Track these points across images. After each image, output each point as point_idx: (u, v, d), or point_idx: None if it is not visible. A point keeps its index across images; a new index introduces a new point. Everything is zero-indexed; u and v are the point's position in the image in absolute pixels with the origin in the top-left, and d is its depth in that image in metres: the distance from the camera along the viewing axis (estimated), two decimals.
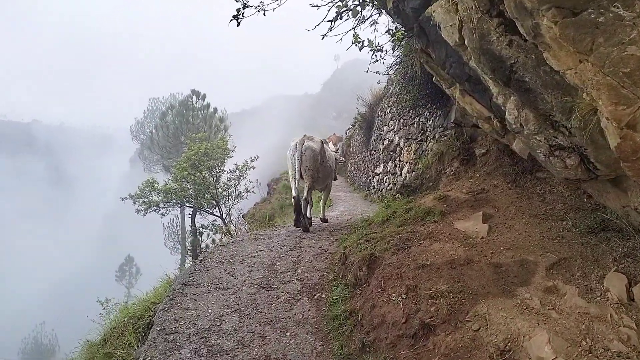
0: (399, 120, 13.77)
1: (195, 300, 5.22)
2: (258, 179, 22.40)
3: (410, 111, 11.97)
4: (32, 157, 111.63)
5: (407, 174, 11.53)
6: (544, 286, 3.72)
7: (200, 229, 19.79)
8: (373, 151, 18.05)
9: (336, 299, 4.83)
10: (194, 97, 31.90)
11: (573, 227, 4.73)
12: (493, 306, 3.52)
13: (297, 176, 7.76)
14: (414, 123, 11.62)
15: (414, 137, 11.15)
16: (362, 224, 7.32)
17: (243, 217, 29.92)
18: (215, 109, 32.23)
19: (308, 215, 8.42)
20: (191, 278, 5.78)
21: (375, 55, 7.53)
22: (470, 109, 4.27)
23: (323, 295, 5.19)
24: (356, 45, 7.02)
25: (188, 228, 27.36)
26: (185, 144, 22.34)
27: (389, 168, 14.47)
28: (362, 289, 4.69)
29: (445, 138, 7.70)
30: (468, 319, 3.46)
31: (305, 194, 8.05)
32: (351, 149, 28.27)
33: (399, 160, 13.07)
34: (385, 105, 16.90)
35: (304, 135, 8.32)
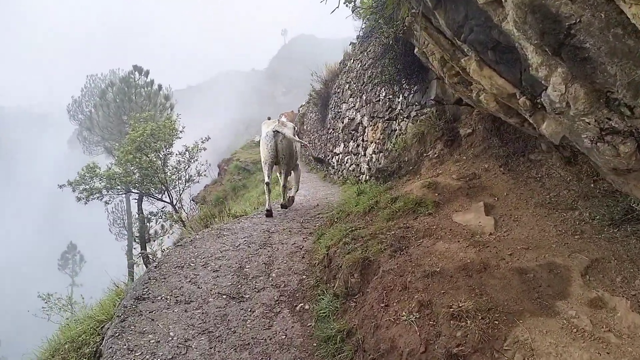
0: (360, 97, 13.02)
1: (153, 320, 4.30)
2: (207, 159, 21.15)
3: (375, 87, 11.22)
4: None
5: (374, 155, 10.84)
6: (586, 298, 3.08)
7: (149, 216, 18.41)
8: (331, 130, 17.27)
9: (325, 312, 4.05)
10: (136, 73, 29.71)
11: (590, 219, 4.15)
12: (535, 329, 2.84)
13: (270, 161, 7.92)
14: (378, 100, 10.89)
15: (380, 115, 10.43)
16: (338, 214, 6.55)
17: (194, 201, 28.70)
18: (160, 86, 30.23)
19: (287, 196, 8.56)
20: (145, 290, 4.83)
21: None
22: (488, 84, 3.55)
23: (307, 306, 4.40)
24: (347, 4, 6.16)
25: (135, 214, 25.84)
26: (128, 124, 20.61)
27: (350, 148, 13.76)
28: (357, 301, 3.94)
29: (423, 117, 7.01)
30: (507, 347, 2.77)
31: (282, 181, 8.27)
32: (305, 126, 27.38)
33: (363, 140, 12.36)
34: (343, 82, 16.09)
35: (278, 121, 8.37)
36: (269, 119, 28.14)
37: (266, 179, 8.12)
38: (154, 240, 20.46)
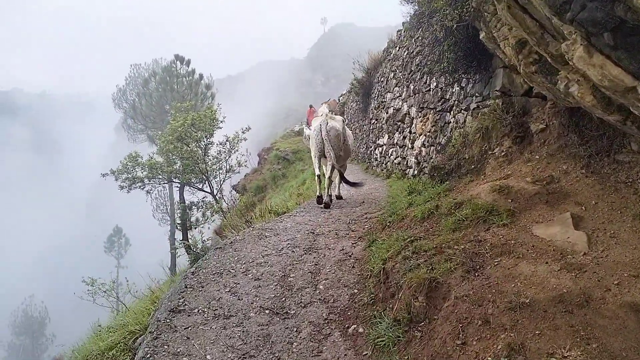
0: (407, 87, 12.24)
1: (188, 338, 3.79)
2: (248, 148, 20.79)
3: (425, 76, 10.44)
4: (14, 125, 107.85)
5: (423, 148, 10.09)
6: None
7: (190, 205, 18.24)
8: (374, 120, 16.53)
9: (383, 341, 3.43)
10: (178, 62, 29.69)
11: None
12: None
13: (320, 155, 8.05)
14: (429, 90, 10.11)
15: (430, 107, 9.66)
16: (390, 217, 5.90)
17: (235, 190, 28.54)
18: (201, 75, 30.14)
19: (330, 193, 8.45)
20: (181, 301, 4.34)
21: None
22: (598, 74, 2.84)
23: (361, 329, 3.79)
24: None
25: (177, 200, 25.89)
26: (170, 114, 20.42)
27: (395, 140, 13.02)
28: (423, 331, 3.30)
29: (486, 109, 6.24)
30: None
31: (329, 173, 8.22)
32: (345, 116, 26.69)
33: (410, 132, 11.60)
34: (387, 70, 15.30)
35: (326, 115, 8.33)
36: (310, 107, 27.65)
37: (317, 172, 8.28)
38: (196, 228, 20.39)
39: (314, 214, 7.57)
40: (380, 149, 15.10)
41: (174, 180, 17.42)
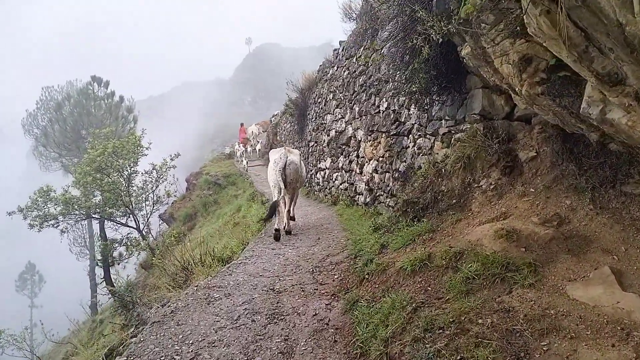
0: (351, 108, 11.49)
1: None
2: (175, 174, 19.20)
3: (373, 97, 9.71)
4: None
5: (375, 174, 9.29)
6: None
7: (112, 243, 16.31)
8: (313, 143, 15.67)
9: None
10: (95, 84, 27.37)
11: None
12: None
13: (280, 186, 8.27)
14: (378, 112, 9.38)
15: (382, 130, 8.91)
16: (367, 267, 4.93)
17: (161, 219, 26.45)
18: (122, 98, 27.93)
19: (287, 227, 8.56)
20: None
21: None
22: None
23: None
24: None
25: (97, 233, 23.47)
26: (88, 141, 18.35)
27: (340, 164, 12.19)
28: None
29: (461, 135, 5.52)
30: None
31: (287, 205, 8.78)
32: (278, 137, 25.75)
33: (357, 156, 10.81)
34: (325, 91, 14.55)
35: (284, 148, 8.80)
36: (242, 124, 26.44)
37: (275, 198, 8.47)
38: (119, 264, 18.41)
39: (267, 259, 6.45)
40: (322, 172, 14.23)
41: (94, 216, 15.47)
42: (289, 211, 8.81)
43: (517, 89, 4.05)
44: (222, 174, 27.06)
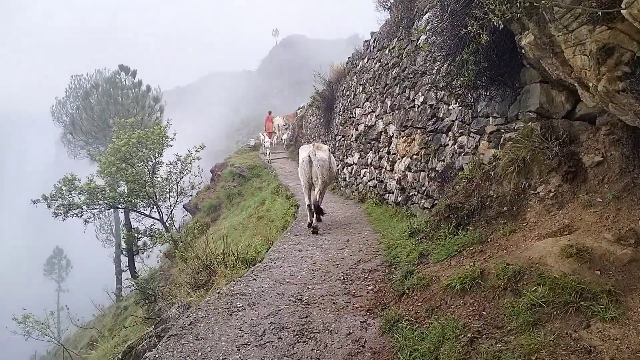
0: (383, 102, 10.93)
1: None
2: (200, 164, 18.93)
3: (408, 91, 9.15)
4: None
5: (408, 172, 8.74)
6: None
7: (136, 233, 16.13)
8: (341, 137, 15.14)
9: None
10: (123, 73, 27.27)
11: None
12: None
13: (311, 183, 8.43)
14: (413, 106, 8.82)
15: (418, 126, 8.34)
16: (407, 280, 4.41)
17: (186, 209, 26.32)
18: (149, 87, 27.83)
19: (313, 222, 8.46)
20: None
21: None
22: None
23: None
24: None
25: (123, 221, 23.44)
26: (113, 130, 18.17)
27: (369, 159, 11.66)
28: None
29: (512, 134, 4.94)
30: None
31: (317, 198, 8.47)
32: (303, 130, 25.30)
33: (388, 152, 10.26)
34: (354, 83, 14.01)
35: (313, 145, 8.80)
36: (269, 113, 26.40)
37: (307, 202, 8.56)
38: (143, 253, 18.28)
39: (294, 263, 6.00)
40: (349, 168, 13.72)
41: (118, 206, 15.28)
42: (316, 203, 8.53)
43: (590, 84, 3.47)
44: (247, 166, 26.77)
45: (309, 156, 8.42)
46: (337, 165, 15.28)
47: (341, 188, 14.35)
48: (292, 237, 7.77)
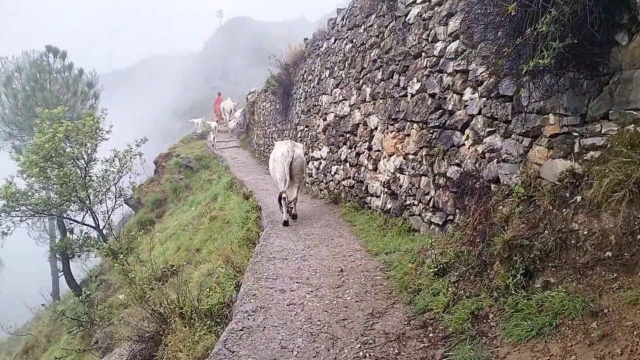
0: (359, 89, 9.27)
1: None
2: (142, 154, 16.58)
3: (396, 75, 7.51)
4: None
5: (403, 175, 7.16)
6: None
7: (68, 242, 13.66)
8: (304, 127, 13.36)
9: None
10: (51, 55, 23.98)
11: None
12: None
13: (286, 178, 8.50)
14: (404, 95, 7.21)
15: (414, 119, 6.74)
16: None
17: (127, 204, 23.71)
18: (81, 71, 24.61)
19: (293, 211, 8.90)
20: None
21: None
22: None
23: None
24: None
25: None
26: (35, 122, 15.30)
27: (343, 155, 9.99)
28: None
29: (600, 141, 3.40)
30: None
31: (295, 194, 8.86)
32: (256, 117, 23.26)
33: (369, 149, 8.63)
34: (318, 67, 12.23)
35: (290, 142, 9.00)
36: (219, 94, 24.53)
37: (282, 189, 8.57)
38: (79, 256, 15.87)
39: (280, 319, 4.22)
40: (315, 163, 12.00)
41: (43, 213, 12.74)
42: (295, 199, 8.95)
43: None
44: (194, 157, 24.48)
45: (288, 150, 8.57)
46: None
47: (306, 185, 12.64)
48: (265, 263, 6.00)
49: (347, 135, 9.76)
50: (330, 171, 10.80)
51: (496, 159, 4.74)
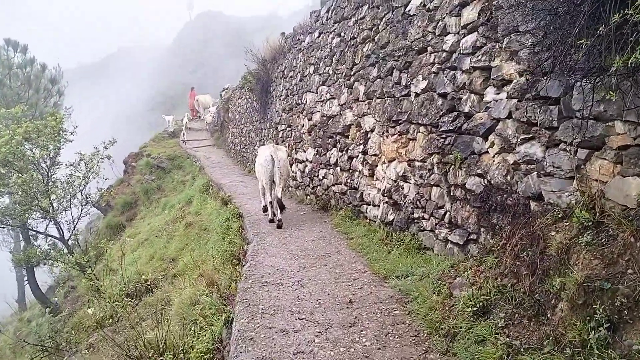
0: (349, 87, 8.47)
1: None
2: (111, 156, 15.38)
3: (397, 73, 6.72)
4: None
5: (407, 184, 6.38)
6: None
7: (31, 252, 12.40)
8: (286, 127, 12.47)
9: None
10: (11, 49, 22.27)
11: None
12: None
13: (270, 182, 8.53)
14: (407, 94, 6.43)
15: (421, 121, 5.96)
16: None
17: (96, 207, 22.42)
18: (44, 66, 22.92)
19: (278, 216, 8.51)
20: None
21: None
22: None
23: None
24: None
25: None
26: (6, 116, 13.57)
27: (332, 158, 9.17)
28: None
29: None
30: None
31: (279, 195, 8.54)
32: (230, 114, 22.22)
33: (364, 152, 7.83)
34: (301, 63, 11.37)
35: (273, 146, 8.86)
36: (192, 89, 23.61)
37: (269, 199, 8.73)
38: (44, 264, 14.62)
39: None
40: (300, 165, 11.14)
41: (1, 224, 11.41)
42: (279, 200, 8.56)
43: None
44: (166, 156, 23.24)
45: (271, 155, 8.46)
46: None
47: (290, 189, 11.76)
48: (258, 291, 5.12)
49: (337, 137, 8.94)
50: (318, 175, 9.96)
51: (536, 172, 4.00)
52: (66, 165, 11.61)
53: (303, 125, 10.92)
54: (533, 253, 3.50)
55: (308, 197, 10.48)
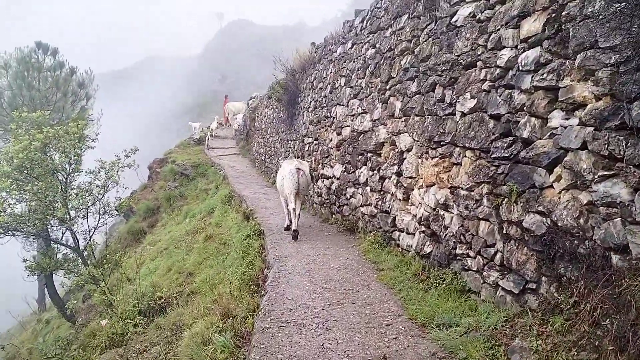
0: (384, 102, 7.81)
1: None
2: (135, 159, 15.01)
3: (440, 89, 6.03)
4: None
5: (449, 214, 5.68)
6: None
7: (48, 259, 12.01)
8: (313, 140, 11.85)
9: None
10: (41, 52, 22.31)
11: None
12: None
13: (293, 195, 8.58)
14: (451, 113, 5.73)
15: (468, 144, 5.26)
16: None
17: (117, 211, 22.22)
18: (72, 70, 22.91)
19: (294, 226, 8.57)
20: None
21: None
22: None
23: None
24: None
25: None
26: (11, 127, 13.18)
27: (362, 177, 8.51)
28: None
29: None
30: None
31: (298, 209, 8.71)
32: (257, 123, 21.79)
33: (399, 174, 7.14)
34: (332, 74, 10.76)
35: (297, 160, 9.47)
36: (226, 97, 23.30)
37: (292, 206, 8.64)
38: (63, 270, 14.27)
39: None
40: (326, 182, 10.51)
41: (15, 233, 11.02)
42: (299, 215, 8.79)
43: None
44: (191, 164, 22.93)
45: (297, 168, 8.70)
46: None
47: (314, 205, 11.11)
48: (277, 334, 4.48)
49: (368, 155, 8.29)
50: (345, 194, 9.31)
51: (620, 218, 3.26)
52: (86, 172, 11.24)
53: (331, 140, 10.30)
54: (621, 323, 2.77)
55: (333, 215, 9.84)
